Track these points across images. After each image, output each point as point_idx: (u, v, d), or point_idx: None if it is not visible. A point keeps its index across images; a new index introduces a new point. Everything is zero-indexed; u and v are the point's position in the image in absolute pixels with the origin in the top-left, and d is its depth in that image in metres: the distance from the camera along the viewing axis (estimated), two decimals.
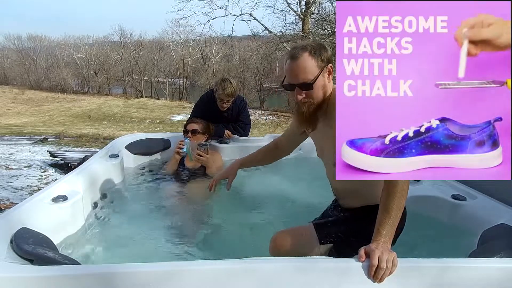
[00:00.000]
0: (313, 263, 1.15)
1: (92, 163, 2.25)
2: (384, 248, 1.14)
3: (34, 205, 1.58)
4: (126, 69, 38.69)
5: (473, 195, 1.91)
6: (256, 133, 10.36)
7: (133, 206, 2.19)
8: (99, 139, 11.00)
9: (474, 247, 1.54)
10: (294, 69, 1.34)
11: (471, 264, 1.21)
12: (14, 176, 4.83)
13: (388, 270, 1.10)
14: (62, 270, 1.09)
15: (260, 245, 1.78)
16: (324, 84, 1.36)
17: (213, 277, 1.09)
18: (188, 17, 25.27)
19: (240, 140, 3.02)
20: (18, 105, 28.60)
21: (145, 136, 3.01)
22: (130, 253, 1.66)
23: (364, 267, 1.13)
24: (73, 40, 41.54)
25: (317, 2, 16.21)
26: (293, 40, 16.05)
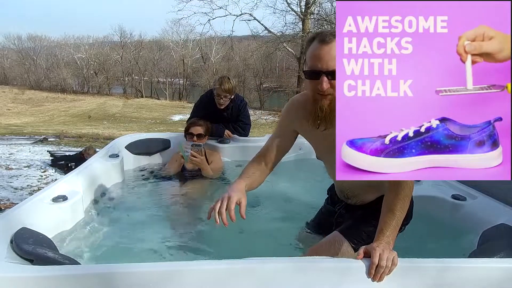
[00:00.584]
0: (313, 263, 1.15)
1: (92, 163, 2.25)
2: (385, 247, 1.14)
3: (34, 205, 1.58)
4: (126, 69, 38.68)
5: (473, 195, 1.91)
6: (256, 133, 10.36)
7: (133, 206, 2.19)
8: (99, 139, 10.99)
9: (474, 247, 1.54)
10: (323, 54, 1.19)
11: (471, 264, 1.21)
12: (14, 176, 4.83)
13: (388, 268, 1.10)
14: (62, 270, 1.09)
15: (260, 245, 1.79)
16: None
17: (213, 277, 1.09)
18: (188, 17, 25.42)
19: (240, 140, 3.02)
20: (18, 105, 28.61)
21: (145, 136, 3.01)
22: (130, 253, 1.66)
23: (364, 267, 1.13)
24: (73, 40, 41.54)
25: (317, 2, 16.22)
26: (293, 40, 16.06)
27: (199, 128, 2.70)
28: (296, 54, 16.76)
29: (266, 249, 1.54)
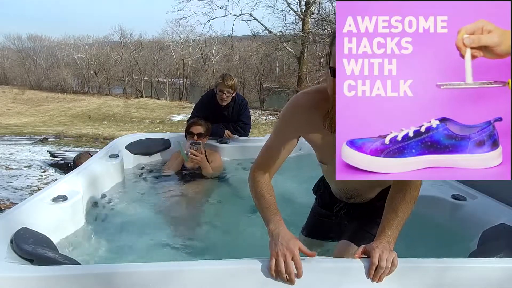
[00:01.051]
0: (313, 263, 1.15)
1: (92, 163, 2.25)
2: (385, 247, 1.13)
3: (34, 205, 1.58)
4: (126, 69, 38.68)
5: (473, 195, 1.91)
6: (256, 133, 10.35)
7: (133, 206, 2.19)
8: (99, 139, 10.99)
9: (474, 247, 1.54)
10: None
11: (471, 264, 1.21)
12: (14, 176, 4.83)
13: (388, 269, 1.10)
14: (62, 270, 1.09)
15: (260, 245, 1.78)
16: None
17: (213, 277, 1.09)
18: (188, 17, 25.40)
19: (240, 140, 3.02)
20: (18, 105, 28.60)
21: (145, 136, 3.02)
22: (130, 253, 1.66)
23: (363, 268, 1.13)
24: (73, 40, 41.57)
25: (317, 2, 16.22)
26: (293, 40, 16.06)
27: (200, 127, 2.71)
28: (296, 54, 16.76)
29: (266, 249, 1.53)
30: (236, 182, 2.64)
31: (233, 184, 2.62)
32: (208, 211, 2.19)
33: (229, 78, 2.94)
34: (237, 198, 2.34)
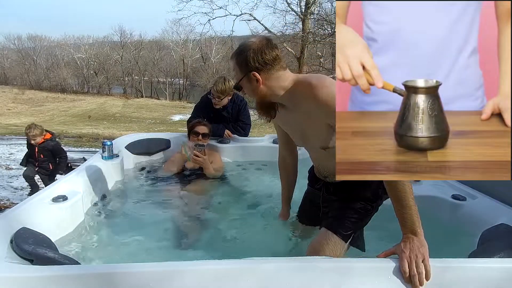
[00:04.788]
0: (313, 263, 1.15)
1: (92, 163, 2.25)
2: (412, 246, 1.14)
3: (34, 205, 1.58)
4: (126, 69, 38.68)
5: (473, 195, 1.91)
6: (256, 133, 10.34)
7: (133, 206, 2.19)
8: (99, 139, 10.98)
9: (474, 247, 1.54)
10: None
11: (471, 264, 1.20)
12: (14, 176, 4.83)
13: (422, 275, 1.08)
14: (62, 270, 1.09)
15: (259, 244, 1.78)
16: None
17: (213, 277, 1.09)
18: (188, 17, 25.26)
19: (240, 140, 3.02)
20: (18, 105, 28.58)
21: (145, 136, 3.02)
22: (130, 253, 1.66)
23: (363, 268, 1.13)
24: (73, 40, 41.59)
25: (317, 2, 16.19)
26: (293, 40, 16.05)
27: (205, 127, 2.73)
28: (296, 54, 16.74)
29: (266, 249, 1.54)
30: (236, 182, 2.64)
31: (233, 184, 2.62)
32: (208, 211, 2.18)
33: (220, 83, 2.92)
34: (237, 198, 2.34)
